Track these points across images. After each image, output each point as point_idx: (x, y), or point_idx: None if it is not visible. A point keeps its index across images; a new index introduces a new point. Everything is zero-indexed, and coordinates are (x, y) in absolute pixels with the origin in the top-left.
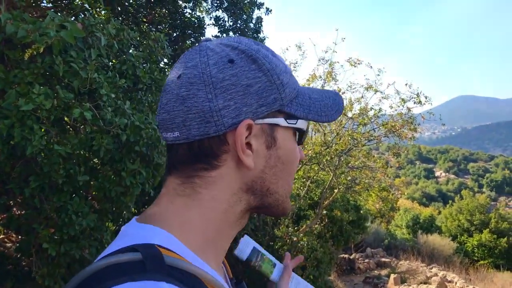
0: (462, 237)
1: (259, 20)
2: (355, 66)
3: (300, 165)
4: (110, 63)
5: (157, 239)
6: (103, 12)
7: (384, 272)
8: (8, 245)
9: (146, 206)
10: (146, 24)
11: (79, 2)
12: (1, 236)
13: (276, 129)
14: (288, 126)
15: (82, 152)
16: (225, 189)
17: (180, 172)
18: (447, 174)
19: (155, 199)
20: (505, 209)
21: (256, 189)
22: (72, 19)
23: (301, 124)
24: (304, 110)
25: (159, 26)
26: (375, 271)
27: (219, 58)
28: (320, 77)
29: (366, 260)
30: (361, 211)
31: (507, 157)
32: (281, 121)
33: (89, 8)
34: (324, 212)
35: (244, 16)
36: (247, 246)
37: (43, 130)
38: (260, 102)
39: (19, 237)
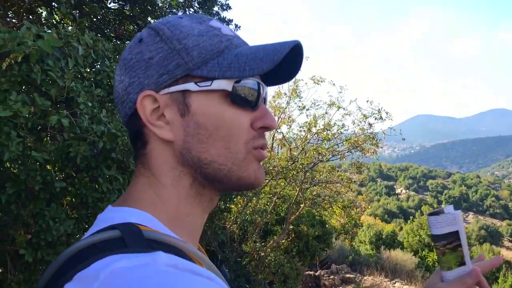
0: (423, 251)
1: None
2: (318, 84)
3: (267, 180)
4: (85, 73)
5: (133, 218)
6: (70, 28)
7: None
8: None
9: None
10: (115, 40)
11: (46, 16)
12: None
13: (188, 95)
14: (203, 90)
15: (59, 159)
16: (162, 164)
17: (136, 156)
18: (407, 191)
19: None
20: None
21: (188, 160)
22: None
23: (219, 85)
24: (221, 69)
25: (127, 42)
26: (340, 287)
27: (133, 40)
28: (285, 94)
29: (331, 277)
30: (326, 226)
31: (464, 173)
32: (190, 86)
33: (58, 21)
34: (291, 227)
35: None
36: (451, 223)
37: (19, 137)
38: (161, 71)
39: None
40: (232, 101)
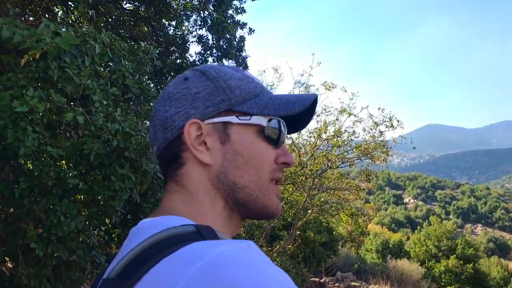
0: (430, 262)
1: (242, 39)
2: (330, 90)
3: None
4: (101, 71)
5: (190, 223)
6: (85, 28)
7: None
8: None
9: (129, 215)
10: (129, 41)
11: (62, 16)
12: None
13: (229, 126)
14: (242, 123)
15: (73, 156)
16: (198, 185)
17: (167, 176)
18: (415, 200)
19: (143, 206)
20: (471, 236)
21: (223, 183)
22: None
23: (257, 120)
24: (259, 107)
25: (141, 42)
26: None
27: (178, 78)
28: None
29: (337, 284)
30: (333, 233)
31: (473, 185)
32: (232, 118)
33: (74, 21)
34: (298, 233)
35: (228, 35)
36: None
37: (35, 132)
38: (207, 104)
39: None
40: (264, 136)
